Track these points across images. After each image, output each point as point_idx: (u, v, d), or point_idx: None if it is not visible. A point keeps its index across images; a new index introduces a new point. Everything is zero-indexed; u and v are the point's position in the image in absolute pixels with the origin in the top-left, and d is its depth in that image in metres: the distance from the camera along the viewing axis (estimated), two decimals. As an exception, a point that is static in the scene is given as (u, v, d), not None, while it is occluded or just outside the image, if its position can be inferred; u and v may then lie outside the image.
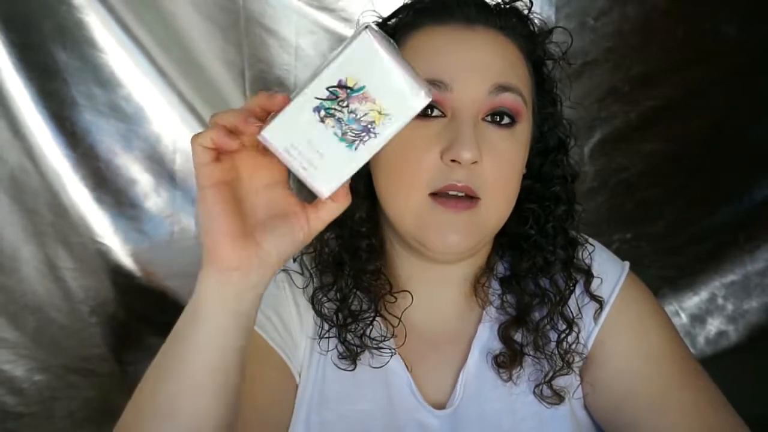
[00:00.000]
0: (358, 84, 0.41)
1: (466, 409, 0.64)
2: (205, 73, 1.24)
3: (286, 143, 0.42)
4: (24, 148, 1.21)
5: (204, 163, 0.42)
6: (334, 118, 0.41)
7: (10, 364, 1.26)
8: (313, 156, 0.42)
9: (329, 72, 0.41)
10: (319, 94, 0.41)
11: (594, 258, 0.67)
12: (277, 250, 0.45)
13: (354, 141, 0.42)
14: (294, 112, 0.41)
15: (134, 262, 1.29)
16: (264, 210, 0.45)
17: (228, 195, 0.43)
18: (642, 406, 0.61)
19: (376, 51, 0.40)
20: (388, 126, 0.41)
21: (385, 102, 0.41)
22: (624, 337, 0.65)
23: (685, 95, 1.29)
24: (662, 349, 0.64)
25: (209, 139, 0.41)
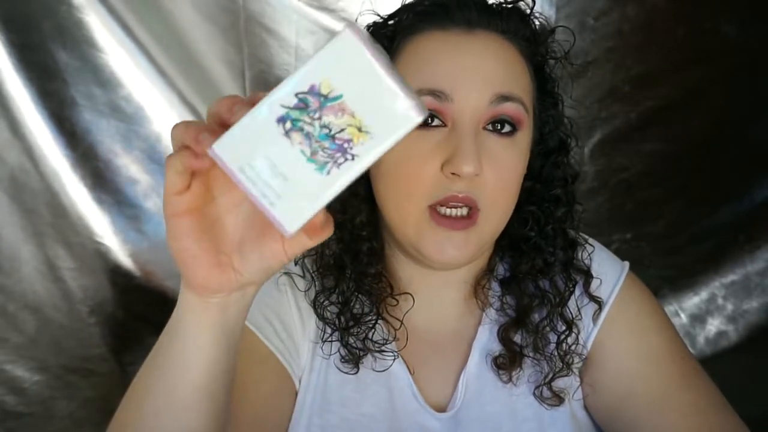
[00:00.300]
0: (335, 91, 0.32)
1: (467, 411, 0.63)
2: (205, 73, 1.24)
3: (240, 161, 0.34)
4: (24, 148, 1.21)
5: (174, 192, 0.38)
6: (302, 133, 0.33)
7: (10, 364, 1.25)
8: (274, 179, 0.34)
9: (300, 74, 0.33)
10: (286, 101, 0.33)
11: (593, 258, 0.67)
12: (257, 273, 0.41)
13: (326, 163, 0.33)
14: (253, 122, 0.33)
15: (134, 262, 1.29)
16: (240, 229, 0.41)
17: (199, 222, 0.39)
18: (642, 407, 0.61)
19: (359, 52, 0.32)
20: (369, 147, 0.33)
21: (367, 116, 0.33)
22: (623, 338, 0.64)
23: (685, 95, 1.29)
24: (662, 349, 0.64)
25: (181, 164, 0.37)
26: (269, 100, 0.33)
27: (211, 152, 0.34)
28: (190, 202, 0.39)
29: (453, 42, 0.59)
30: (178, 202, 0.38)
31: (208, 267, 0.40)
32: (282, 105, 0.33)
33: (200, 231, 0.40)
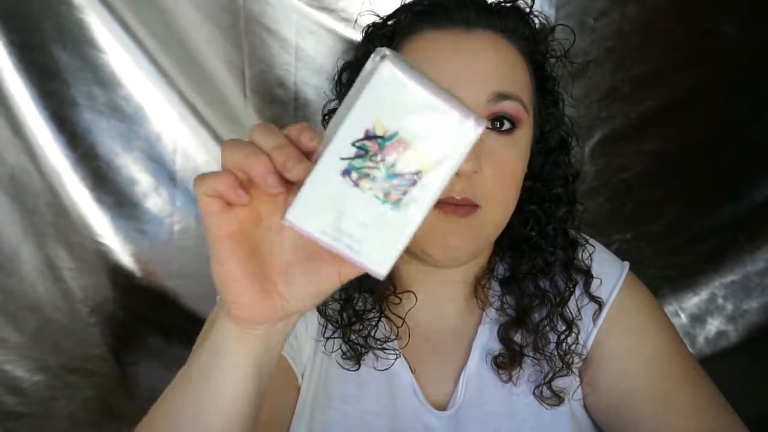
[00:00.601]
0: (390, 129, 0.32)
1: (467, 410, 0.63)
2: (205, 72, 1.24)
3: (318, 223, 0.33)
4: (24, 148, 1.22)
5: (212, 213, 0.36)
6: (369, 179, 0.33)
7: (10, 364, 1.26)
8: (357, 230, 0.34)
9: (350, 123, 0.32)
10: (344, 153, 0.32)
11: (594, 259, 0.67)
12: (304, 300, 0.39)
13: (400, 199, 0.33)
14: (318, 183, 0.33)
15: (134, 262, 1.29)
16: (287, 251, 0.39)
17: (244, 245, 0.37)
18: (642, 407, 0.61)
19: (402, 84, 0.32)
20: (439, 172, 0.33)
21: (428, 143, 0.32)
22: (623, 338, 0.64)
23: (685, 95, 1.29)
24: (662, 348, 0.64)
25: (212, 189, 0.35)
26: (328, 157, 0.32)
27: (286, 222, 0.34)
28: (234, 224, 0.37)
29: (451, 41, 0.59)
30: (219, 223, 0.36)
31: (252, 294, 0.38)
32: (342, 158, 0.33)
33: (245, 254, 0.37)
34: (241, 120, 1.27)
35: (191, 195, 1.29)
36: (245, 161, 0.34)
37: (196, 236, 1.30)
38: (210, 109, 1.27)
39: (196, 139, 1.27)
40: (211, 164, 1.29)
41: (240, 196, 0.35)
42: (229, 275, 0.37)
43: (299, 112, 1.26)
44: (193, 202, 1.29)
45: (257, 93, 1.26)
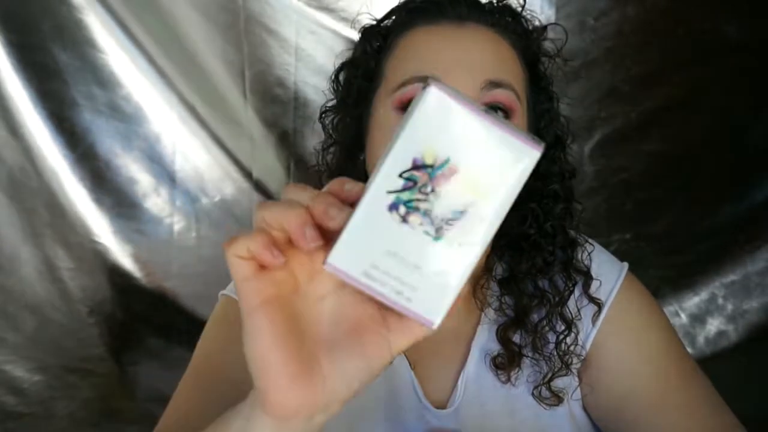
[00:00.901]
0: (440, 157, 0.29)
1: (467, 410, 0.63)
2: (204, 73, 1.24)
3: (363, 266, 0.30)
4: (23, 148, 1.22)
5: (245, 277, 0.32)
6: (419, 213, 0.30)
7: (9, 365, 1.26)
8: (406, 273, 0.30)
9: (397, 152, 0.29)
10: (391, 185, 0.29)
11: (593, 259, 0.67)
12: (351, 383, 0.34)
13: (455, 235, 0.30)
14: (363, 220, 0.30)
15: (133, 262, 1.29)
16: (329, 324, 0.35)
17: (281, 314, 0.33)
18: (641, 407, 0.61)
19: (451, 108, 0.29)
20: (495, 202, 0.30)
21: (482, 171, 0.29)
22: (622, 338, 0.64)
23: (685, 95, 1.29)
24: (660, 349, 0.63)
25: (245, 249, 0.31)
26: (373, 191, 0.29)
27: (328, 267, 0.30)
28: (272, 287, 0.33)
29: (444, 34, 0.59)
30: (254, 289, 0.32)
31: (291, 379, 0.33)
32: (388, 191, 0.29)
33: (283, 326, 0.33)
34: (240, 120, 1.27)
35: (191, 195, 1.29)
36: (280, 216, 0.31)
37: (195, 237, 1.30)
38: (210, 110, 1.27)
39: (195, 140, 1.27)
40: (211, 164, 1.28)
41: (276, 256, 0.31)
42: (264, 351, 0.32)
43: (299, 112, 1.26)
44: (192, 202, 1.29)
45: (257, 93, 1.26)
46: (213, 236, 1.29)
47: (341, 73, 0.68)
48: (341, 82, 0.68)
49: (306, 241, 0.31)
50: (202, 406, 0.59)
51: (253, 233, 0.32)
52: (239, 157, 1.29)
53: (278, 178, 1.30)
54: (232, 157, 1.29)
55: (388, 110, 0.59)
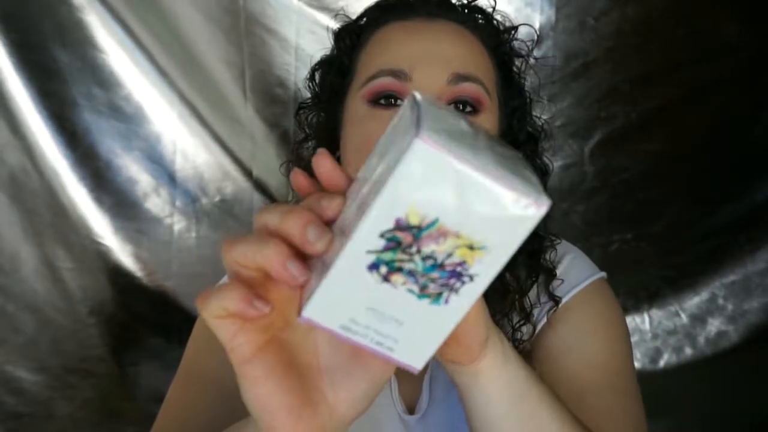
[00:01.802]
0: (427, 218, 0.26)
1: (435, 416, 0.62)
2: (205, 72, 1.24)
3: (340, 320, 0.28)
4: (24, 148, 1.21)
5: (230, 336, 0.30)
6: (402, 273, 0.27)
7: (9, 365, 1.25)
8: (387, 326, 0.28)
9: (378, 210, 0.26)
10: (371, 245, 0.26)
11: (562, 261, 0.67)
12: (355, 405, 0.33)
13: (441, 294, 0.28)
14: (340, 278, 0.27)
15: (134, 262, 1.29)
16: (327, 351, 0.34)
17: (276, 359, 0.31)
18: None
19: (439, 160, 0.25)
20: (489, 262, 0.27)
21: (475, 230, 0.26)
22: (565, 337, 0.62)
23: (685, 95, 1.29)
24: (600, 356, 0.61)
25: (221, 309, 0.29)
26: (350, 249, 0.26)
27: (303, 320, 0.28)
28: (261, 337, 0.31)
29: (413, 28, 0.61)
30: (243, 344, 0.30)
31: (296, 418, 0.31)
32: (368, 251, 0.26)
33: (283, 368, 0.31)
34: (241, 120, 1.27)
35: (191, 195, 1.29)
36: (255, 254, 0.29)
37: (195, 236, 1.30)
38: (210, 109, 1.27)
39: (196, 140, 1.27)
40: (212, 164, 1.28)
41: (259, 308, 0.29)
42: (265, 399, 0.31)
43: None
44: (192, 201, 1.29)
45: (257, 93, 1.26)
46: (213, 236, 1.29)
47: (317, 73, 0.69)
48: (317, 82, 0.69)
49: (292, 278, 0.28)
50: (193, 408, 0.59)
51: (224, 289, 0.29)
52: (240, 156, 1.29)
53: (279, 178, 1.30)
54: (233, 157, 1.29)
55: (358, 104, 0.59)
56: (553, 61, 0.66)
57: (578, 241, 0.74)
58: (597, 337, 0.63)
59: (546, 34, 1.22)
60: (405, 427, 0.62)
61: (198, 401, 0.58)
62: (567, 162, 1.31)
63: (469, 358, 0.38)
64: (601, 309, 0.65)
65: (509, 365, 0.41)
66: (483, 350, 0.38)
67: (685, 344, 1.35)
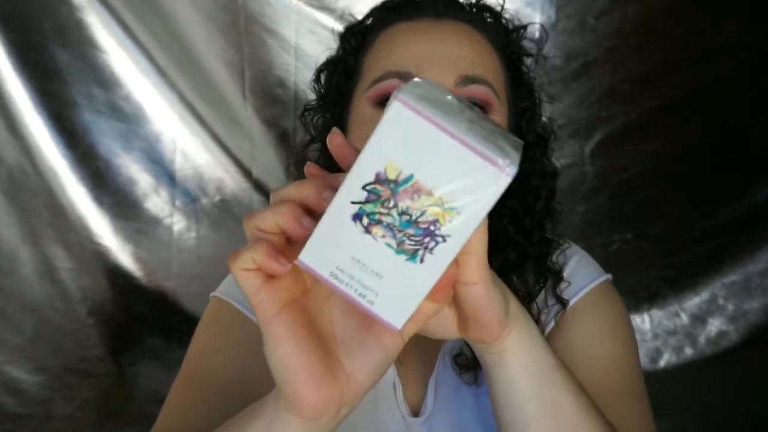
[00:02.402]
0: (403, 173, 0.29)
1: (440, 418, 0.62)
2: (204, 72, 1.24)
3: (330, 266, 0.31)
4: (23, 148, 1.21)
5: (256, 289, 0.32)
6: (382, 226, 0.30)
7: (8, 365, 1.25)
8: (368, 279, 0.31)
9: (360, 164, 0.29)
10: (355, 196, 0.29)
11: (569, 262, 0.66)
12: (370, 374, 0.35)
13: (416, 251, 0.30)
14: (330, 225, 0.30)
15: (133, 262, 1.28)
16: (341, 320, 0.35)
17: (298, 320, 0.33)
18: None
19: (415, 122, 0.28)
20: (460, 224, 0.29)
21: (447, 190, 0.29)
22: (575, 340, 0.62)
23: (685, 95, 1.29)
24: (610, 359, 0.61)
25: (250, 260, 0.31)
26: (338, 199, 0.30)
27: (300, 263, 0.31)
28: (285, 295, 0.33)
29: (420, 29, 0.60)
30: (269, 299, 0.32)
31: (317, 381, 0.33)
32: (353, 201, 0.29)
33: (304, 330, 0.33)
34: (240, 120, 1.27)
35: (191, 195, 1.29)
36: (271, 217, 0.31)
37: (195, 237, 1.29)
38: (209, 109, 1.27)
39: (195, 139, 1.27)
40: (211, 164, 1.28)
41: (282, 263, 0.31)
42: (288, 358, 0.33)
43: (299, 112, 1.25)
44: (192, 202, 1.29)
45: (257, 93, 1.26)
46: (213, 236, 1.29)
47: (322, 74, 0.68)
48: (322, 83, 0.68)
49: (305, 230, 0.31)
50: (195, 408, 0.58)
51: (253, 244, 0.32)
52: (239, 156, 1.29)
53: (278, 178, 1.29)
54: (232, 157, 1.28)
55: (364, 105, 0.59)
56: (555, 60, 0.66)
57: (578, 241, 0.74)
58: (606, 340, 0.63)
59: (543, 34, 1.22)
60: (408, 429, 0.62)
61: (200, 401, 0.58)
62: (567, 162, 1.31)
63: (491, 336, 0.39)
64: (608, 311, 0.65)
65: (534, 343, 0.42)
66: (505, 328, 0.39)
67: (686, 344, 1.35)
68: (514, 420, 0.43)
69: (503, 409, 0.44)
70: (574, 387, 0.44)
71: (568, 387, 0.44)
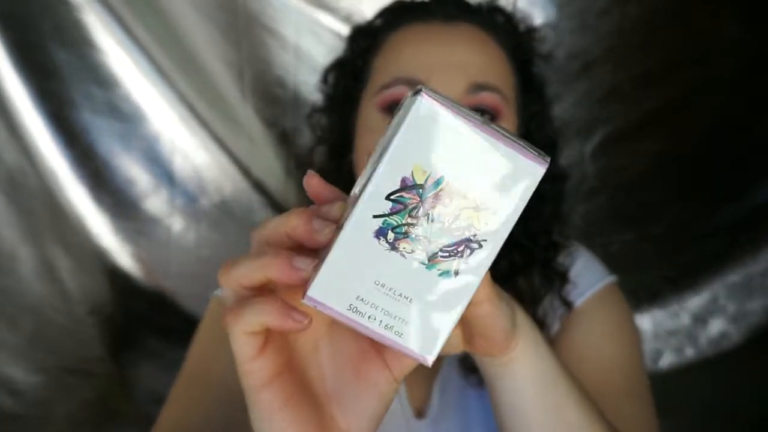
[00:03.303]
0: (433, 175, 0.26)
1: (444, 419, 0.62)
2: (204, 72, 1.24)
3: (348, 299, 0.27)
4: (21, 148, 1.21)
5: (252, 356, 0.28)
6: (410, 239, 0.26)
7: (7, 366, 1.25)
8: (395, 305, 0.27)
9: (383, 171, 0.26)
10: (377, 209, 0.26)
11: (574, 264, 0.66)
12: (367, 424, 0.32)
13: (451, 263, 0.27)
14: (346, 249, 0.26)
15: (133, 262, 1.28)
16: (332, 373, 0.33)
17: (291, 385, 0.30)
18: None
19: (445, 120, 0.25)
20: (496, 224, 0.27)
21: (480, 190, 0.26)
22: (581, 342, 0.63)
23: (686, 95, 1.29)
24: (617, 361, 0.61)
25: (258, 323, 0.27)
26: (357, 215, 0.26)
27: (308, 300, 0.27)
28: (278, 361, 0.29)
29: (430, 32, 0.59)
30: (262, 367, 0.29)
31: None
32: (374, 215, 0.26)
33: (297, 397, 0.30)
34: (240, 120, 1.26)
35: (190, 195, 1.29)
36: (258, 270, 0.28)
37: (195, 237, 1.29)
38: (209, 109, 1.26)
39: (195, 139, 1.27)
40: (211, 164, 1.28)
41: (299, 320, 0.27)
42: (282, 429, 0.30)
43: (299, 112, 1.25)
44: (191, 202, 1.29)
45: (256, 93, 1.25)
46: (212, 236, 1.29)
47: (329, 75, 0.68)
48: (329, 84, 0.68)
49: (301, 272, 0.27)
50: (196, 410, 0.58)
51: (261, 301, 0.27)
52: (239, 156, 1.28)
53: (278, 178, 1.29)
54: (232, 157, 1.28)
55: (372, 111, 0.58)
56: (556, 60, 0.65)
57: (579, 241, 0.74)
58: (611, 341, 0.63)
59: (547, 34, 1.21)
60: (411, 431, 0.61)
61: (201, 405, 0.57)
62: (567, 162, 1.30)
63: (499, 350, 0.38)
64: (614, 313, 0.65)
65: (539, 352, 0.41)
66: (513, 340, 0.39)
67: (686, 345, 1.35)
68: (517, 428, 0.43)
69: (506, 417, 0.44)
70: (577, 394, 0.44)
71: (572, 394, 0.44)
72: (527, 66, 0.64)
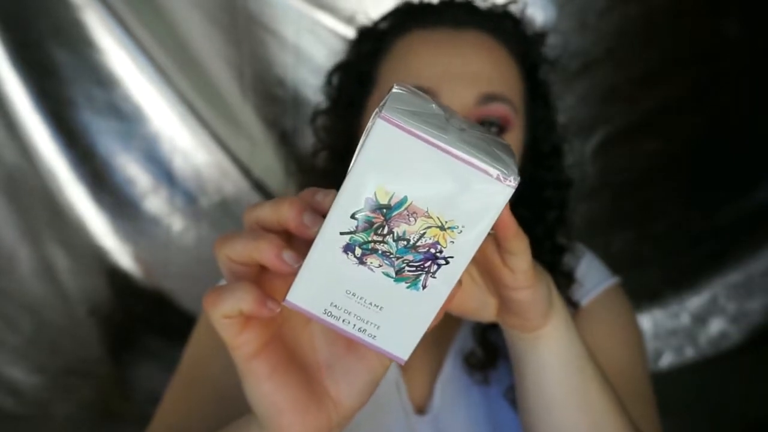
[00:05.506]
0: (396, 196, 0.26)
1: (446, 416, 0.62)
2: (203, 72, 1.24)
3: (323, 304, 0.28)
4: (21, 148, 1.21)
5: (236, 334, 0.30)
6: (377, 254, 0.27)
7: (7, 366, 1.25)
8: (367, 312, 0.29)
9: (347, 191, 0.26)
10: (344, 226, 0.27)
11: (579, 264, 0.66)
12: (358, 397, 0.33)
13: (418, 277, 0.28)
14: (319, 259, 0.28)
15: (132, 262, 1.28)
16: (324, 345, 0.34)
17: (279, 354, 0.32)
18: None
19: (404, 140, 0.25)
20: (463, 243, 0.27)
21: (445, 209, 0.26)
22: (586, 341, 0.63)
23: (686, 95, 1.29)
24: (622, 363, 0.61)
25: (234, 308, 0.29)
26: (326, 231, 0.27)
27: (288, 304, 0.29)
28: (265, 334, 0.31)
29: (440, 40, 0.58)
30: (248, 341, 0.30)
31: (302, 413, 0.32)
32: (342, 232, 0.27)
33: (285, 366, 0.32)
34: (239, 120, 1.26)
35: (190, 195, 1.28)
36: (249, 250, 0.29)
37: (194, 237, 1.29)
38: (208, 109, 1.26)
39: (194, 139, 1.27)
40: (210, 164, 1.28)
41: (272, 308, 0.29)
42: (270, 396, 0.31)
43: (298, 112, 1.25)
44: (191, 202, 1.29)
45: (256, 92, 1.25)
46: (212, 236, 1.28)
47: (334, 77, 0.67)
48: (333, 86, 0.67)
49: (288, 267, 0.29)
50: (191, 412, 0.58)
51: (236, 288, 0.29)
52: (238, 156, 1.28)
53: (278, 178, 1.29)
54: (232, 157, 1.28)
55: None
56: (556, 60, 0.65)
57: (579, 241, 0.74)
58: (614, 342, 0.63)
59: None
60: (412, 427, 0.61)
61: (196, 407, 0.57)
62: (568, 162, 1.30)
63: (532, 327, 0.40)
64: (617, 314, 0.65)
65: (570, 333, 0.42)
66: (548, 318, 0.40)
67: (687, 344, 1.35)
68: (539, 405, 0.44)
69: (529, 394, 0.45)
70: (601, 379, 0.45)
71: (596, 378, 0.45)
72: (535, 72, 0.63)
